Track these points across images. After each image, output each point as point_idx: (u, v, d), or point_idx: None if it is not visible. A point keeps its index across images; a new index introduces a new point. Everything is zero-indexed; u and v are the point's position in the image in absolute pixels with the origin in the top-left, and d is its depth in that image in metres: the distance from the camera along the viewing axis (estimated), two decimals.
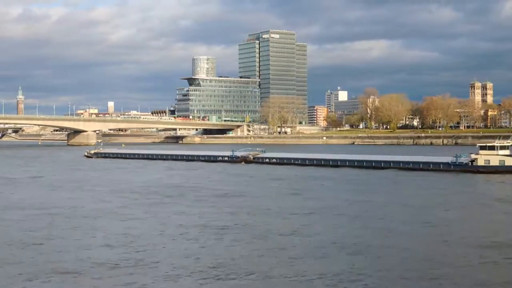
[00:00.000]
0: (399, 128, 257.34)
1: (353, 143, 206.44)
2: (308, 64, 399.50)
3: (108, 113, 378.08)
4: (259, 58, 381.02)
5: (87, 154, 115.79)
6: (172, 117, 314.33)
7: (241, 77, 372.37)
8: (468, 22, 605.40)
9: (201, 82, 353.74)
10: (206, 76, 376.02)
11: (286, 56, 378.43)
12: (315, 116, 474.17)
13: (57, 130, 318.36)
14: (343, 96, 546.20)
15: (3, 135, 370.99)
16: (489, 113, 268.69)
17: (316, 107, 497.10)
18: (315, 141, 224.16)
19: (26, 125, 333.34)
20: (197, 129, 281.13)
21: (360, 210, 37.82)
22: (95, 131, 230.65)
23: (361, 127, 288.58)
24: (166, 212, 37.42)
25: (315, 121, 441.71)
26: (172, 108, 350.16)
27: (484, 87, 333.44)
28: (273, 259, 23.70)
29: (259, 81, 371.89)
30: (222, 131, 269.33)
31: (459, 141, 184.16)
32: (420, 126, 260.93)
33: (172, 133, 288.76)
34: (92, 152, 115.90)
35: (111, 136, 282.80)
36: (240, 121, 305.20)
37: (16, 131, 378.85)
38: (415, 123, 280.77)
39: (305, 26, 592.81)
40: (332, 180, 60.40)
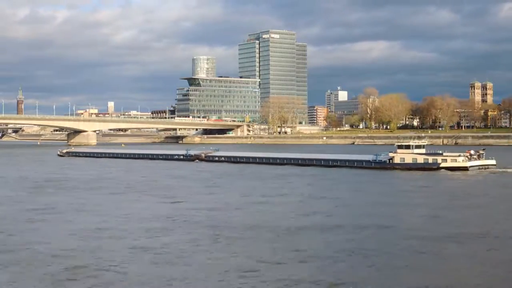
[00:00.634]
0: (399, 128, 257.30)
1: (353, 143, 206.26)
2: (308, 64, 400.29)
3: (108, 113, 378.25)
4: (259, 58, 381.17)
5: (60, 153, 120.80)
6: (172, 117, 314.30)
7: (241, 77, 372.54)
8: (466, 23, 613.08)
9: (201, 82, 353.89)
10: (206, 76, 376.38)
11: (286, 56, 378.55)
12: (315, 116, 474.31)
13: (57, 130, 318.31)
14: (343, 96, 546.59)
15: (3, 135, 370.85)
16: (489, 113, 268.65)
17: (316, 107, 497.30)
18: (315, 141, 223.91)
19: (26, 125, 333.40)
20: (197, 129, 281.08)
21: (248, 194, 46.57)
22: (95, 131, 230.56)
23: (361, 127, 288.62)
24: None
25: (315, 121, 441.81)
26: (172, 108, 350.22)
27: (484, 87, 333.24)
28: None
29: (259, 81, 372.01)
30: (222, 131, 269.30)
31: (459, 141, 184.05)
32: (420, 126, 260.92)
33: (172, 133, 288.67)
34: (64, 151, 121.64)
35: (111, 136, 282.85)
36: (240, 121, 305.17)
37: (16, 131, 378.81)
38: (415, 123, 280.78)
39: (305, 27, 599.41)
40: (253, 175, 67.33)
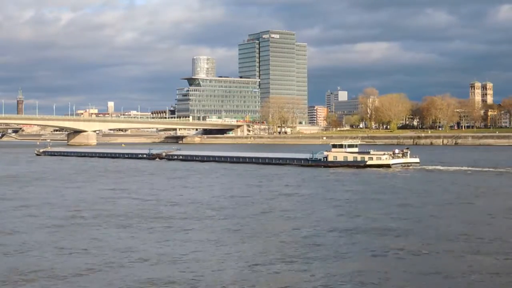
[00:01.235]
0: (399, 128, 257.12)
1: None
2: (308, 65, 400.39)
3: (108, 113, 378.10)
4: (259, 58, 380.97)
5: (37, 152, 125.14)
6: (172, 117, 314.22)
7: (241, 77, 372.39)
8: (463, 25, 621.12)
9: (201, 82, 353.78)
10: (206, 76, 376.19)
11: (286, 56, 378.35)
12: (315, 116, 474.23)
13: (57, 130, 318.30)
14: (343, 96, 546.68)
15: (3, 135, 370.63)
16: (489, 113, 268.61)
17: (316, 107, 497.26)
18: (315, 141, 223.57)
19: (26, 125, 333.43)
20: (197, 129, 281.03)
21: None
22: (95, 131, 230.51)
23: (361, 127, 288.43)
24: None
25: (315, 121, 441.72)
26: (172, 108, 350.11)
27: (484, 87, 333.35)
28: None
29: (259, 81, 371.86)
30: (222, 131, 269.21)
31: (459, 141, 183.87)
32: (420, 126, 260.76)
33: (172, 133, 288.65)
34: (41, 150, 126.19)
35: (111, 136, 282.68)
36: (240, 121, 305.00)
37: (16, 131, 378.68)
38: (415, 123, 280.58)
39: (306, 29, 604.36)
40: (192, 171, 74.09)
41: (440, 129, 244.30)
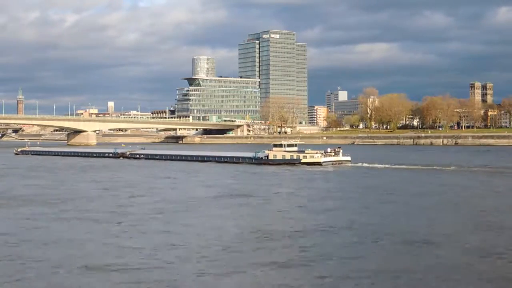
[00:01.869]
0: (399, 128, 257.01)
1: (353, 143, 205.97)
2: (308, 66, 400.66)
3: (108, 113, 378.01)
4: (259, 58, 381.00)
5: (16, 151, 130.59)
6: (172, 117, 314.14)
7: (241, 77, 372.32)
8: (461, 27, 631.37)
9: (201, 82, 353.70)
10: (206, 76, 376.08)
11: (286, 56, 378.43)
12: (315, 116, 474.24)
13: (57, 130, 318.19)
14: (343, 96, 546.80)
15: (3, 135, 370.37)
16: (489, 113, 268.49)
17: (316, 107, 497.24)
18: (315, 141, 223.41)
19: (26, 125, 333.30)
20: (197, 129, 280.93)
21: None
22: (95, 131, 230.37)
23: (361, 127, 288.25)
24: None
25: (315, 121, 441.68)
26: (172, 108, 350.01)
27: (484, 87, 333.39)
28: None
29: (259, 81, 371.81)
30: (222, 131, 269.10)
31: (459, 141, 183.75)
32: (420, 126, 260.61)
33: (172, 133, 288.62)
34: (19, 150, 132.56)
35: (111, 136, 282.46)
36: (240, 121, 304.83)
37: (16, 131, 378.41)
38: (415, 123, 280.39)
39: (306, 30, 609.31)
40: (130, 166, 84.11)
41: (440, 129, 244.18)
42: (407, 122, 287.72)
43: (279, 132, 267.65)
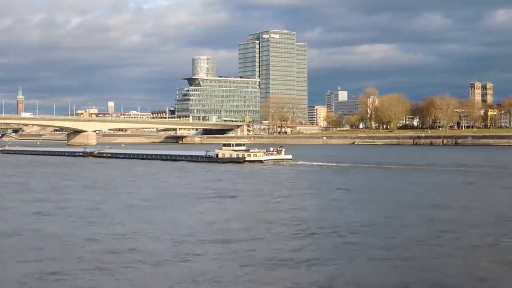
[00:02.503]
0: (399, 128, 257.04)
1: (353, 143, 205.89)
2: (308, 66, 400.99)
3: (108, 113, 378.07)
4: (259, 58, 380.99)
5: None
6: (172, 117, 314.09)
7: (241, 77, 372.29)
8: (459, 28, 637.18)
9: (201, 82, 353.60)
10: (206, 76, 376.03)
11: (286, 56, 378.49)
12: (315, 116, 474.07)
13: (57, 130, 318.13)
14: (343, 96, 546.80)
15: (3, 135, 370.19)
16: (489, 113, 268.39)
17: (316, 107, 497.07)
18: (315, 141, 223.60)
19: (26, 125, 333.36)
20: (197, 129, 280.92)
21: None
22: (95, 131, 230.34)
23: (361, 127, 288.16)
24: None
25: (315, 121, 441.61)
26: (172, 108, 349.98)
27: (484, 87, 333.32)
28: None
29: (259, 81, 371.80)
30: (222, 131, 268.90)
31: (459, 141, 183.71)
32: (420, 126, 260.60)
33: (172, 133, 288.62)
34: (0, 149, 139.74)
35: (111, 136, 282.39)
36: (240, 121, 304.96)
37: (16, 131, 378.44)
38: (415, 123, 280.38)
39: (306, 31, 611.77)
40: (99, 164, 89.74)
41: (440, 129, 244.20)
42: (407, 122, 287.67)
43: (279, 132, 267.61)
